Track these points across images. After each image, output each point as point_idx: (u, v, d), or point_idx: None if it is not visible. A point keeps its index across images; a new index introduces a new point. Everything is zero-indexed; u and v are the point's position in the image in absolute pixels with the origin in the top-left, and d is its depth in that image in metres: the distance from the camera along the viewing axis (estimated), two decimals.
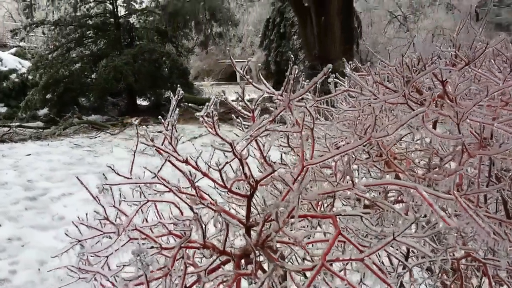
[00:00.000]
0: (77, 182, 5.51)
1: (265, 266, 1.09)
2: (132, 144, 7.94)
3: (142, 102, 15.59)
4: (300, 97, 1.23)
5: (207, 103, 1.33)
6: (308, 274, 1.00)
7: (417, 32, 23.60)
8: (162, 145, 1.32)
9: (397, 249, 1.38)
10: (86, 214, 1.87)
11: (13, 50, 17.24)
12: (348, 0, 13.02)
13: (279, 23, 21.65)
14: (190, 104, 13.10)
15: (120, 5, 14.51)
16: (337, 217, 1.08)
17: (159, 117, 1.53)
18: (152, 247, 1.14)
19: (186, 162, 1.33)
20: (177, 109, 1.44)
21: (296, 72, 1.22)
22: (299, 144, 1.22)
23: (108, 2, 14.68)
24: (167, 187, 1.28)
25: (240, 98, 1.37)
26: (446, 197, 1.04)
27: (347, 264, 1.11)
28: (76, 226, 1.36)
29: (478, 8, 26.71)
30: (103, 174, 1.35)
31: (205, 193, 1.27)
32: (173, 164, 1.29)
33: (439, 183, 1.25)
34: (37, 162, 6.60)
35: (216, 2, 16.09)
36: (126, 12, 14.51)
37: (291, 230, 1.09)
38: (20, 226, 4.33)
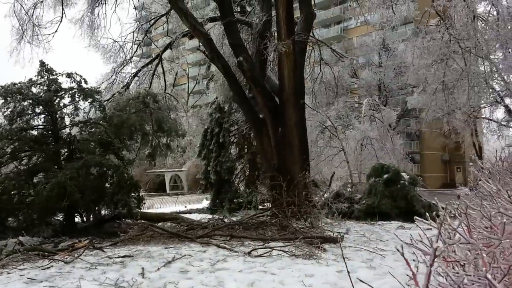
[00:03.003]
0: None
1: None
2: (98, 274, 6.70)
3: (79, 219, 13.99)
4: None
5: None
6: None
7: (346, 142, 25.03)
8: None
9: None
10: None
11: None
12: (302, 112, 13.38)
13: (218, 133, 21.70)
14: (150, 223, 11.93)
15: (61, 117, 13.59)
16: None
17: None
18: None
19: None
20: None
21: None
22: None
23: (46, 113, 13.70)
24: None
25: None
26: None
27: None
28: None
29: (396, 119, 29.49)
30: None
31: None
32: None
33: None
34: None
35: (162, 114, 15.80)
36: (68, 124, 13.57)
37: None
38: None
